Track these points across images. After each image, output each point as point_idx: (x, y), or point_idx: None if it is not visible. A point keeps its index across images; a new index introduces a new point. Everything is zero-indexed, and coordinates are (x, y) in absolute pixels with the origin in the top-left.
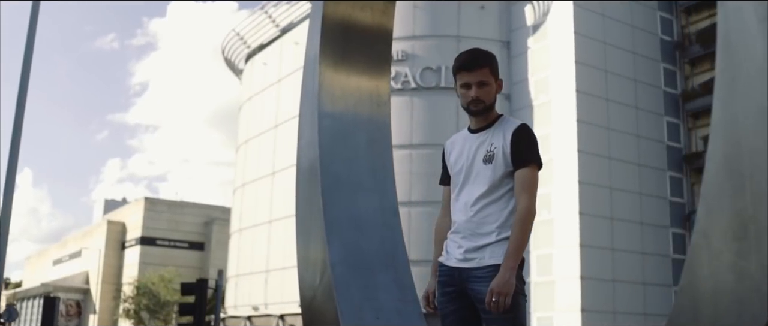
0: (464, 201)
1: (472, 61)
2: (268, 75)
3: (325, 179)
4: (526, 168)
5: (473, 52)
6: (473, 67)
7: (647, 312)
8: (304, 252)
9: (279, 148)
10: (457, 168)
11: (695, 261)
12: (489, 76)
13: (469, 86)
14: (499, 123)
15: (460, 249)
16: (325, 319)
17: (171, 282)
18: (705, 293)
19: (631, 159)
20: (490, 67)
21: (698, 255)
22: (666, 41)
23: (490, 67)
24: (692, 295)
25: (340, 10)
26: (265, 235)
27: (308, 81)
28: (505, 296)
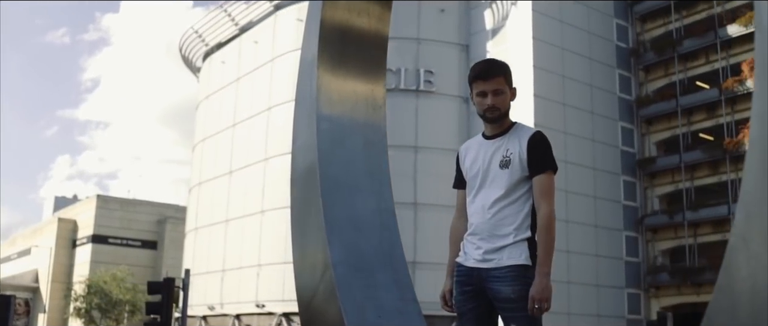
0: (481, 204)
1: (488, 70)
2: (226, 74)
3: (324, 181)
4: (543, 174)
5: (489, 62)
6: (489, 76)
7: (601, 314)
8: (301, 253)
9: (237, 147)
10: (473, 172)
11: (733, 262)
12: (504, 84)
13: (485, 94)
14: (515, 130)
15: (478, 250)
16: (326, 319)
17: (123, 281)
18: (743, 293)
19: (587, 163)
20: (505, 76)
21: (736, 257)
22: (621, 48)
23: (505, 76)
24: (730, 295)
25: (338, 15)
26: (222, 234)
27: (305, 83)
28: (545, 301)
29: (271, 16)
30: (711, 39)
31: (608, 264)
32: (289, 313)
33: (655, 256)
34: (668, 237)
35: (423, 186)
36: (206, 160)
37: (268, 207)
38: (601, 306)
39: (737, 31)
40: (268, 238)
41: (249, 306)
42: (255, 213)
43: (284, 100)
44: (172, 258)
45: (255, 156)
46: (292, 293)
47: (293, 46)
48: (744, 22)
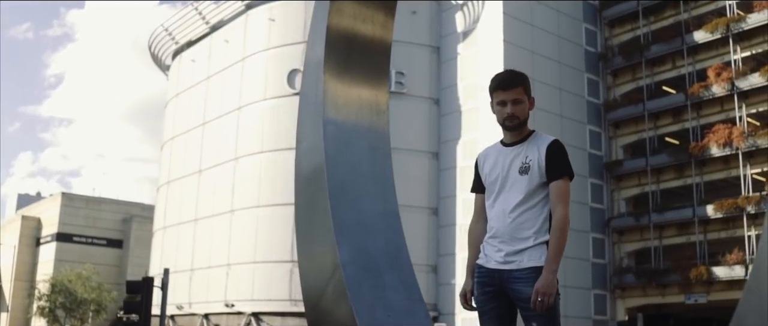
0: (501, 208)
1: (508, 80)
2: (196, 72)
3: (331, 184)
4: (560, 180)
5: (509, 73)
6: (508, 86)
7: (567, 315)
8: (308, 254)
9: (206, 145)
10: (492, 177)
11: (763, 264)
12: (522, 94)
13: (504, 103)
14: (533, 138)
15: (499, 252)
16: (336, 318)
17: (88, 279)
18: None
19: None
20: (524, 86)
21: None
22: (590, 52)
23: (524, 87)
24: (759, 295)
25: (344, 22)
26: (191, 234)
27: (310, 87)
28: (549, 296)
29: (242, 16)
30: (678, 45)
31: (575, 266)
32: (258, 313)
33: (621, 258)
34: (634, 239)
35: None
36: (175, 159)
37: (238, 207)
38: (568, 307)
39: (703, 38)
40: (237, 238)
41: (218, 305)
42: (224, 212)
43: (255, 99)
44: (138, 257)
45: (225, 155)
46: (261, 292)
47: (264, 45)
48: (710, 28)
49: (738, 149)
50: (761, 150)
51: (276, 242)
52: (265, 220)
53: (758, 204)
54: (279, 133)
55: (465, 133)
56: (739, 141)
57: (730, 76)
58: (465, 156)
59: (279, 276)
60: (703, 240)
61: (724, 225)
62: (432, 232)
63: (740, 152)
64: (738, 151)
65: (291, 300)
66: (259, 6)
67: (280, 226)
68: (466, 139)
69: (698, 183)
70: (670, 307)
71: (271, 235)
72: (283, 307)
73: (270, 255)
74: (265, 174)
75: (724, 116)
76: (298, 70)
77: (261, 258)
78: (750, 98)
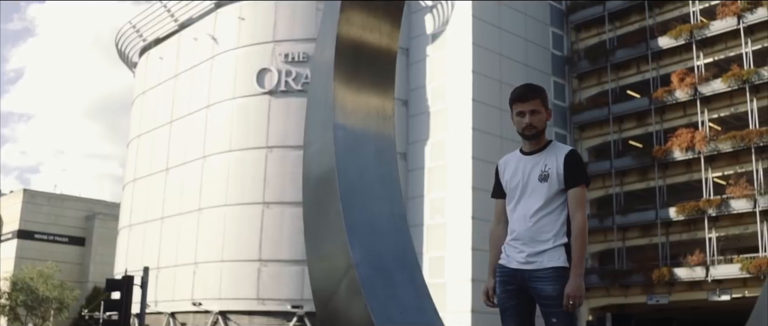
0: (522, 213)
1: (526, 93)
2: (164, 70)
3: (342, 186)
4: (578, 187)
5: (527, 86)
6: (527, 98)
7: None
8: (318, 254)
9: (174, 143)
10: (513, 184)
11: None
12: (540, 105)
13: (523, 114)
14: (551, 147)
15: (521, 254)
16: (350, 316)
17: (50, 277)
18: None
19: None
20: (541, 98)
21: None
22: (557, 56)
23: (541, 99)
24: None
25: (353, 31)
26: (157, 232)
27: (318, 92)
28: (579, 298)
29: (211, 14)
30: (643, 50)
31: None
32: (225, 311)
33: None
34: (598, 240)
35: None
36: (142, 157)
37: (205, 205)
38: None
39: (668, 43)
40: (205, 236)
41: (185, 304)
42: (192, 210)
43: (224, 98)
44: (101, 254)
45: (193, 153)
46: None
47: (234, 44)
48: (674, 34)
49: (700, 153)
50: (722, 154)
51: (244, 241)
52: (233, 219)
53: (719, 207)
54: (248, 131)
55: (433, 134)
56: (701, 145)
57: (693, 81)
58: (433, 157)
59: (247, 275)
60: (665, 241)
61: (685, 228)
62: None
63: (702, 156)
64: (700, 155)
65: (258, 299)
66: (228, 5)
67: (248, 225)
68: (434, 140)
69: (661, 186)
70: (632, 307)
71: (239, 234)
72: (251, 306)
73: (238, 254)
74: (233, 172)
75: (687, 121)
76: (268, 69)
77: (229, 256)
78: (712, 103)
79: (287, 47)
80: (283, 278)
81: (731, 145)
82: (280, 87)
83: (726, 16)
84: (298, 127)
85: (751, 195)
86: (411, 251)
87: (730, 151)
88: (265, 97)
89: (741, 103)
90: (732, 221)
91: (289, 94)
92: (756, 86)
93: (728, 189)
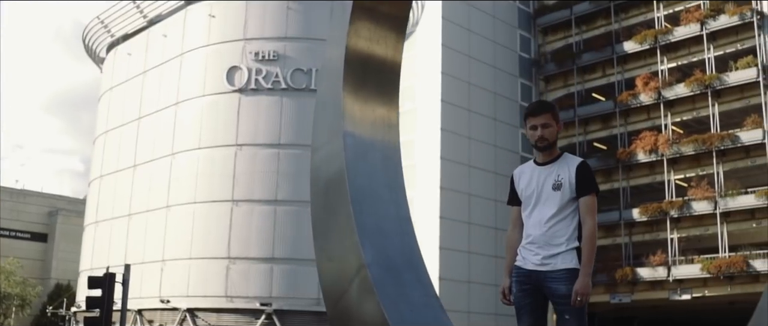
0: (537, 219)
1: (538, 108)
2: (132, 66)
3: (353, 191)
4: (588, 196)
5: (539, 102)
6: (539, 113)
7: (498, 313)
8: (328, 255)
9: (142, 140)
10: (528, 192)
11: None
12: (551, 119)
13: (535, 128)
14: (563, 159)
15: (536, 256)
16: (362, 314)
17: (12, 274)
18: None
19: (489, 167)
20: (552, 113)
21: None
22: (524, 58)
23: (552, 113)
24: None
25: (361, 43)
26: (124, 229)
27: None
28: (586, 295)
29: (181, 11)
30: (608, 54)
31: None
32: (193, 309)
33: None
34: None
35: None
36: (109, 153)
37: (173, 203)
38: (499, 306)
39: (632, 48)
40: (173, 233)
41: (152, 301)
42: (160, 207)
43: (193, 95)
44: (64, 251)
45: (161, 150)
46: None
47: (204, 41)
48: (639, 39)
49: (663, 155)
50: (684, 157)
51: (212, 238)
52: (202, 216)
53: (681, 209)
54: (217, 129)
55: (402, 134)
56: (664, 148)
57: (656, 85)
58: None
59: (215, 272)
60: (628, 242)
61: (648, 228)
62: None
63: (665, 158)
64: (663, 158)
65: (227, 297)
66: (198, 2)
67: (217, 223)
68: (404, 140)
69: (625, 188)
70: (595, 306)
71: (208, 231)
72: (219, 303)
73: (206, 252)
74: (202, 170)
75: (651, 124)
76: (238, 67)
77: (197, 254)
78: (675, 107)
79: (258, 45)
80: (252, 276)
81: (693, 148)
82: (250, 85)
83: (689, 22)
84: (267, 125)
85: (712, 197)
86: (417, 252)
87: (692, 153)
88: (235, 95)
89: (703, 107)
90: (693, 222)
91: (259, 93)
92: (718, 91)
93: (690, 191)
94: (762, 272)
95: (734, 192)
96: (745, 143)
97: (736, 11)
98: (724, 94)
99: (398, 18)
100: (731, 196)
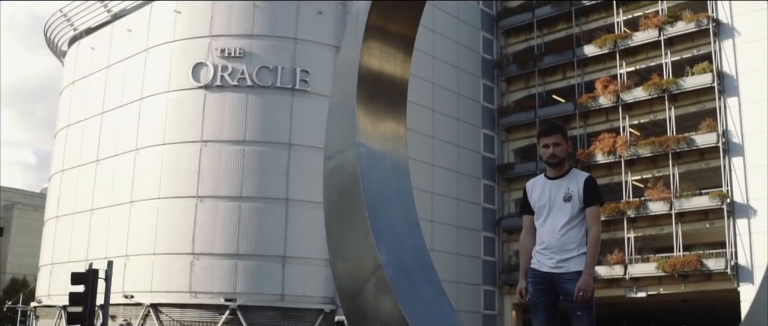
0: (551, 227)
1: (550, 129)
2: (95, 60)
3: (366, 196)
4: (594, 206)
5: (551, 124)
6: (551, 133)
7: (459, 310)
8: (341, 255)
9: (105, 135)
10: (541, 203)
11: None
12: (561, 139)
13: (547, 146)
14: (572, 174)
15: (551, 260)
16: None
17: None
18: None
19: (452, 166)
20: (562, 133)
21: None
22: (487, 59)
23: (562, 134)
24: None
25: (372, 61)
26: (86, 224)
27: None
28: (588, 291)
29: (146, 6)
30: (569, 57)
31: (467, 263)
32: (157, 304)
33: (509, 256)
34: None
35: (295, 183)
36: (71, 147)
37: (137, 198)
38: (460, 302)
39: (593, 52)
40: (136, 229)
41: (116, 296)
42: (123, 203)
43: (158, 90)
44: (20, 245)
45: (125, 145)
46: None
47: (169, 37)
48: (599, 43)
49: (621, 157)
50: (641, 158)
51: (177, 234)
52: (166, 212)
53: (637, 209)
54: (182, 125)
55: None
56: (622, 149)
57: (615, 88)
58: None
59: (179, 268)
60: None
61: (605, 228)
62: None
63: (623, 160)
64: (621, 159)
65: (191, 292)
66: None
67: (181, 218)
68: None
69: None
70: None
71: (172, 227)
72: (183, 299)
73: (170, 247)
74: (166, 166)
75: (609, 126)
76: (204, 64)
77: (161, 249)
78: (633, 110)
79: (223, 42)
80: (216, 271)
81: (650, 150)
82: (216, 81)
83: (648, 28)
84: (233, 122)
85: (668, 198)
86: (426, 254)
87: (649, 155)
88: (200, 91)
89: (660, 110)
90: (649, 222)
91: (224, 89)
92: (674, 95)
93: (646, 192)
94: (715, 271)
95: (689, 193)
96: (700, 146)
97: (693, 18)
98: (680, 99)
99: (406, 38)
100: (686, 197)
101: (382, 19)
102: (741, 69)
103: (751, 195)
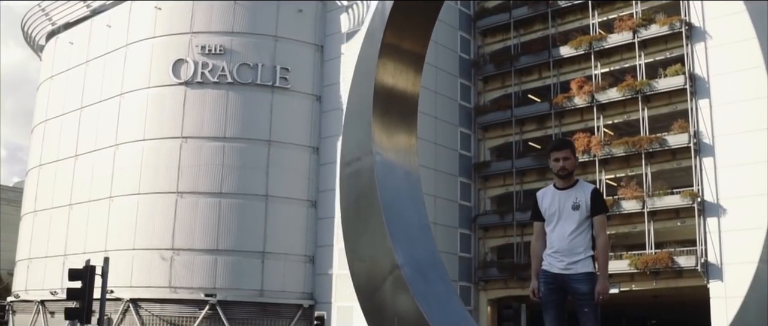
0: (560, 233)
1: (560, 145)
2: (74, 55)
3: (383, 202)
4: (601, 215)
5: (561, 140)
6: (561, 148)
7: None
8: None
9: (84, 130)
10: (551, 211)
11: None
12: (570, 154)
13: (558, 160)
14: (579, 185)
15: (561, 262)
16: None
17: None
18: None
19: (429, 164)
20: (571, 148)
21: None
22: (464, 59)
23: (571, 149)
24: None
25: (386, 77)
26: (64, 218)
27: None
28: (606, 293)
29: (126, 2)
30: (545, 57)
31: (444, 259)
32: (136, 299)
33: (485, 253)
34: (498, 235)
35: (274, 179)
36: (48, 142)
37: (117, 193)
38: None
39: (568, 53)
40: (116, 224)
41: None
42: (103, 198)
43: (138, 86)
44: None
45: (104, 141)
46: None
47: (149, 33)
48: (575, 45)
49: (595, 156)
50: (615, 158)
51: (156, 229)
52: (146, 207)
53: (611, 207)
54: (162, 121)
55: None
56: (596, 149)
57: (590, 89)
58: None
59: (159, 263)
60: None
61: None
62: (310, 224)
63: (597, 159)
64: (595, 158)
65: (170, 287)
66: None
67: (161, 214)
68: None
69: None
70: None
71: (152, 223)
72: (162, 294)
73: (150, 242)
74: (146, 161)
75: (584, 125)
76: (184, 60)
77: (141, 245)
78: (607, 110)
79: (204, 39)
80: (196, 267)
81: (623, 150)
82: (196, 78)
83: (622, 30)
84: (213, 118)
85: (640, 196)
86: (437, 255)
87: (623, 155)
88: (180, 88)
89: (633, 111)
90: (622, 220)
91: (205, 86)
92: (647, 96)
93: (620, 191)
94: (685, 268)
95: (661, 192)
96: (672, 146)
97: (667, 21)
98: (653, 100)
99: (417, 55)
100: (658, 196)
101: (396, 36)
102: (712, 71)
103: (721, 194)
